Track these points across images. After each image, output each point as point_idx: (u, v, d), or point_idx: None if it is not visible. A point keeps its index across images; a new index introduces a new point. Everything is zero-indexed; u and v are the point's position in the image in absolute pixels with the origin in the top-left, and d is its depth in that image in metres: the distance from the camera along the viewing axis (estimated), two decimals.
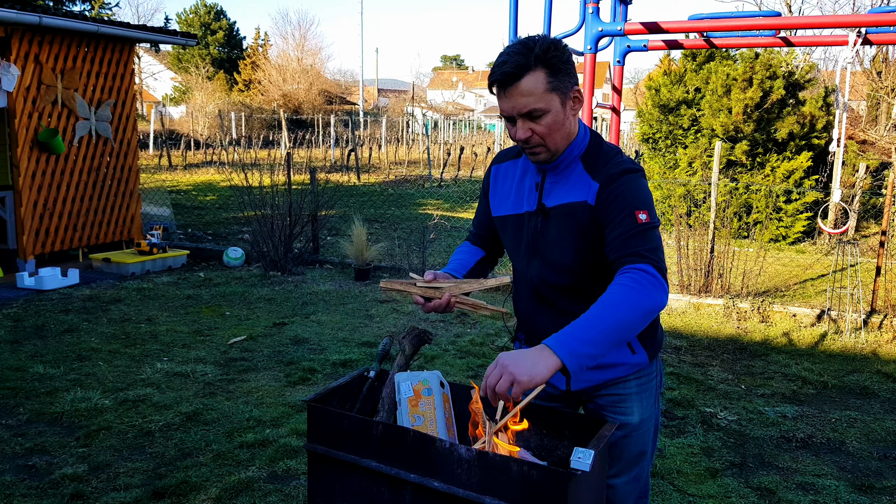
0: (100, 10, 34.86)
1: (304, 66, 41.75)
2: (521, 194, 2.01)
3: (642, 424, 2.03)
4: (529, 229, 1.97)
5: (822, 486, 3.61)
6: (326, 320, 6.38)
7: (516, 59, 1.75)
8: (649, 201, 1.81)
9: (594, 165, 1.88)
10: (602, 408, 2.04)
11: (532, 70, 1.75)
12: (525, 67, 1.75)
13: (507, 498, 1.60)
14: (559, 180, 1.92)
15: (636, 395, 2.02)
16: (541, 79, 1.76)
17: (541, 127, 1.80)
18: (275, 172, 9.47)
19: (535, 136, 1.82)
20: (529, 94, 1.76)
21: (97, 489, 3.37)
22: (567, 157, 1.90)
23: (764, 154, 11.22)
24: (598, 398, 2.04)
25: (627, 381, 2.01)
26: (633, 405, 2.01)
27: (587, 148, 1.92)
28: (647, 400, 2.04)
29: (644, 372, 2.03)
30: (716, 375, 5.22)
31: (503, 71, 1.76)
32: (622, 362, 1.99)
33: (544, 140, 1.83)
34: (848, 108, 4.09)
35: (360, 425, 1.80)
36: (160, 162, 22.98)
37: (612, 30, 4.57)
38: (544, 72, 1.76)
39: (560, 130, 1.83)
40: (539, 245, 1.95)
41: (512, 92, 1.77)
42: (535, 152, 1.87)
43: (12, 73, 7.29)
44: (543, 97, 1.77)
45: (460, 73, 74.13)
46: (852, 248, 7.11)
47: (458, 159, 22.26)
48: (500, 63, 1.78)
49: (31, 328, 5.91)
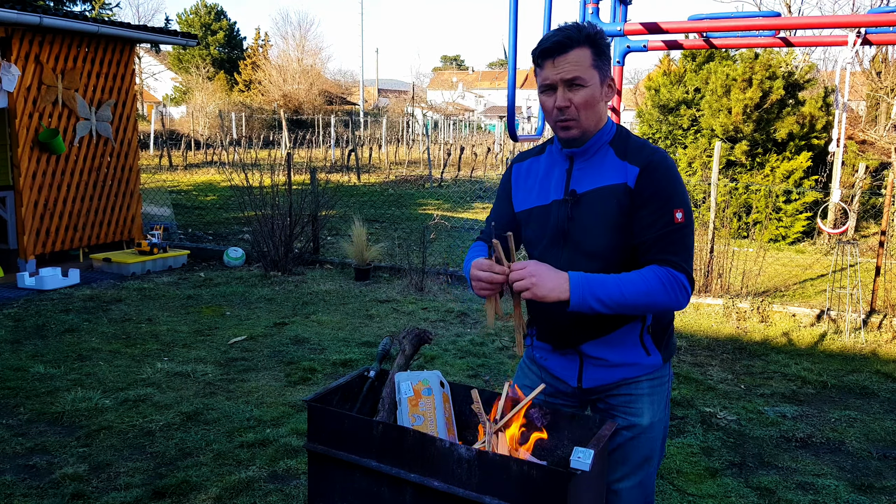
0: (100, 10, 34.86)
1: (305, 67, 41.75)
2: (548, 185, 2.02)
3: (651, 428, 2.01)
4: (559, 217, 1.97)
5: (822, 486, 3.61)
6: (327, 320, 6.38)
7: (568, 33, 1.87)
8: (686, 197, 1.90)
9: (626, 151, 1.94)
10: (613, 408, 2.02)
11: (581, 45, 1.87)
12: (576, 41, 1.86)
13: (507, 498, 1.60)
14: (589, 166, 1.96)
15: (647, 396, 2.01)
16: (587, 54, 1.87)
17: (579, 98, 1.88)
18: (275, 173, 9.46)
19: (571, 108, 1.88)
20: (577, 63, 1.86)
21: (98, 489, 3.37)
22: (597, 142, 1.95)
23: (763, 154, 11.23)
24: (609, 398, 2.03)
25: (640, 382, 2.00)
26: (644, 406, 2.00)
27: (615, 135, 1.98)
28: (658, 404, 2.03)
29: (657, 374, 2.02)
30: (715, 375, 5.23)
31: (555, 40, 1.87)
32: (636, 362, 1.98)
33: (579, 113, 1.89)
34: (847, 109, 4.09)
35: (361, 425, 1.81)
36: (161, 162, 22.99)
37: (612, 30, 4.57)
38: (590, 50, 1.88)
39: (594, 108, 1.90)
40: (571, 232, 1.95)
41: (560, 60, 1.87)
42: (567, 126, 1.91)
43: (13, 74, 7.29)
44: (588, 70, 1.87)
45: (460, 73, 74.14)
46: (852, 248, 7.11)
47: (459, 159, 22.27)
48: (551, 36, 1.88)
49: (32, 328, 5.91)
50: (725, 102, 11.09)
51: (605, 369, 1.99)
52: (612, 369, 1.99)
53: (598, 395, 2.05)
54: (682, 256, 1.84)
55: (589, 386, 2.02)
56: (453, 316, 6.62)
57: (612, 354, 1.97)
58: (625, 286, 1.79)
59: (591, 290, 1.78)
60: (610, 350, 1.97)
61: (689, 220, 1.86)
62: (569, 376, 2.04)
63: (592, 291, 1.78)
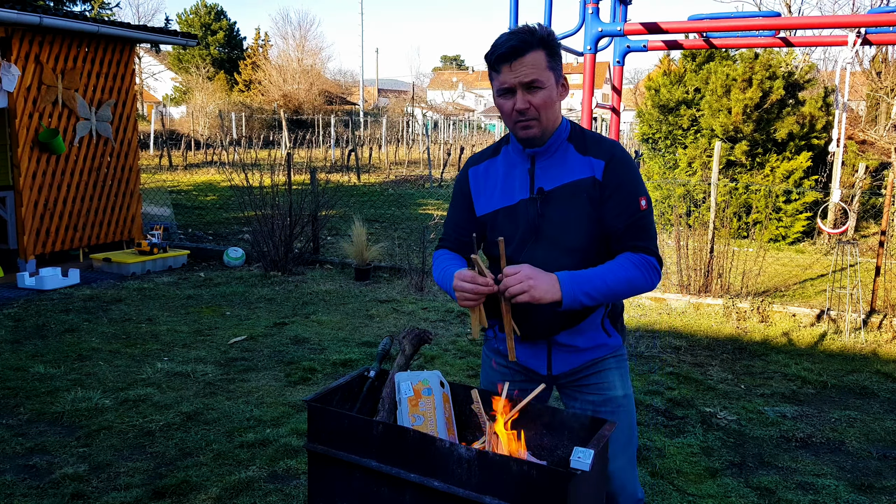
0: (100, 10, 34.86)
1: (305, 67, 41.76)
2: (511, 185, 2.06)
3: (626, 399, 2.14)
4: (528, 215, 2.02)
5: (822, 486, 3.61)
6: (327, 320, 6.38)
7: (522, 37, 1.92)
8: (643, 184, 2.05)
9: (586, 146, 2.03)
10: (585, 387, 2.12)
11: (535, 49, 1.92)
12: (530, 45, 1.91)
13: (506, 498, 1.60)
14: (552, 164, 2.03)
15: (616, 370, 2.14)
16: (542, 57, 1.93)
17: (538, 99, 1.94)
18: (275, 172, 9.46)
19: (531, 109, 1.94)
20: (533, 66, 1.92)
21: (98, 489, 3.37)
22: (556, 140, 2.03)
23: (763, 154, 11.22)
24: (580, 379, 2.13)
25: (606, 360, 2.14)
26: (615, 380, 2.13)
27: (571, 132, 2.07)
28: (625, 378, 2.16)
29: (619, 352, 2.17)
30: (715, 375, 5.23)
31: (510, 45, 1.91)
32: (602, 344, 2.11)
33: (539, 114, 1.95)
34: (847, 108, 4.10)
35: (361, 425, 1.81)
36: (161, 162, 22.99)
37: (612, 30, 4.57)
38: (544, 52, 1.94)
39: (552, 108, 1.97)
40: (544, 228, 2.01)
41: (516, 64, 1.91)
42: (528, 125, 1.97)
43: (13, 74, 7.29)
44: (545, 72, 1.94)
45: (460, 73, 74.14)
46: (852, 248, 7.11)
47: (459, 159, 22.26)
48: (505, 41, 1.93)
49: (32, 328, 5.91)
50: (725, 102, 11.08)
51: (575, 354, 2.09)
52: (580, 353, 2.10)
53: (568, 379, 2.14)
54: (651, 241, 1.99)
55: (559, 372, 2.13)
56: (453, 316, 6.62)
57: (581, 340, 2.08)
58: (608, 277, 1.91)
59: (580, 287, 1.88)
60: (579, 336, 2.08)
61: (650, 206, 2.01)
62: (538, 365, 2.12)
63: (581, 288, 1.88)
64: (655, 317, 6.79)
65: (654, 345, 5.91)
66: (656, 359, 5.56)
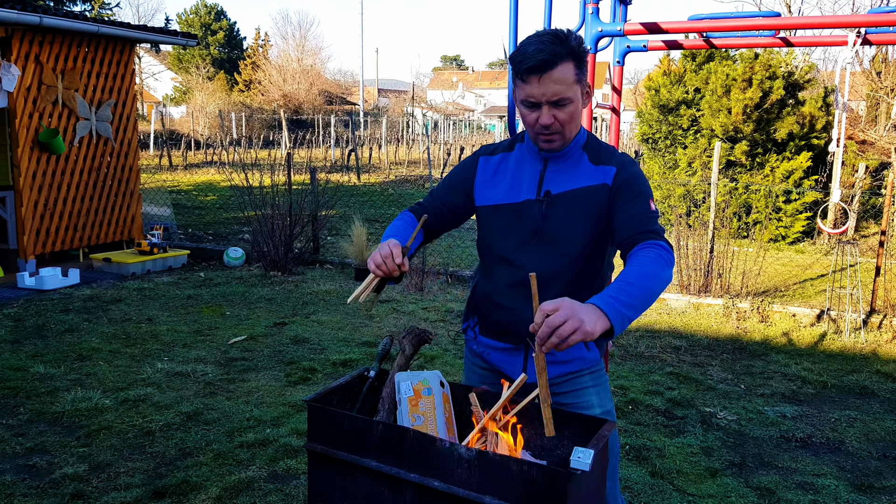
0: (100, 10, 34.87)
1: (305, 67, 41.77)
2: (518, 183, 2.04)
3: (606, 415, 2.08)
4: (532, 217, 2.00)
5: (822, 486, 3.61)
6: (326, 320, 6.38)
7: (553, 48, 1.81)
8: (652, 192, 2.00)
9: (599, 155, 2.00)
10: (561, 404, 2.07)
11: (565, 60, 1.83)
12: (561, 56, 1.82)
13: (507, 498, 1.60)
14: (563, 168, 2.01)
15: (593, 388, 2.09)
16: (571, 70, 1.84)
17: (563, 114, 1.89)
18: (275, 172, 9.46)
19: (556, 124, 1.90)
20: (562, 82, 1.84)
21: (98, 489, 3.37)
22: (573, 147, 2.01)
23: (763, 154, 11.22)
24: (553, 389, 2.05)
25: (582, 376, 2.08)
26: (592, 398, 2.09)
27: (588, 141, 2.04)
28: (603, 394, 2.11)
29: (596, 367, 2.11)
30: (715, 375, 5.23)
31: (541, 58, 1.81)
32: (580, 356, 2.06)
33: (563, 128, 1.91)
34: (847, 109, 4.10)
35: (361, 425, 1.81)
36: (161, 162, 22.99)
37: (612, 30, 4.57)
38: (573, 63, 1.85)
39: (576, 121, 1.93)
40: (546, 230, 1.99)
41: (545, 79, 1.83)
42: (551, 139, 1.94)
43: (13, 74, 7.29)
44: (572, 87, 1.86)
45: (460, 73, 74.13)
46: (852, 248, 7.11)
47: (458, 159, 22.26)
48: (536, 50, 1.81)
49: (32, 328, 5.91)
50: (725, 102, 11.08)
51: (551, 366, 2.04)
52: (557, 365, 2.05)
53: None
54: (662, 231, 1.89)
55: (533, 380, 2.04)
56: (453, 316, 6.62)
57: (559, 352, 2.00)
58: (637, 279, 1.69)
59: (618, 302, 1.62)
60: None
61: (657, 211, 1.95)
62: (514, 371, 2.10)
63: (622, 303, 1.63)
64: (655, 317, 6.79)
65: (654, 345, 5.92)
66: (656, 359, 5.57)
